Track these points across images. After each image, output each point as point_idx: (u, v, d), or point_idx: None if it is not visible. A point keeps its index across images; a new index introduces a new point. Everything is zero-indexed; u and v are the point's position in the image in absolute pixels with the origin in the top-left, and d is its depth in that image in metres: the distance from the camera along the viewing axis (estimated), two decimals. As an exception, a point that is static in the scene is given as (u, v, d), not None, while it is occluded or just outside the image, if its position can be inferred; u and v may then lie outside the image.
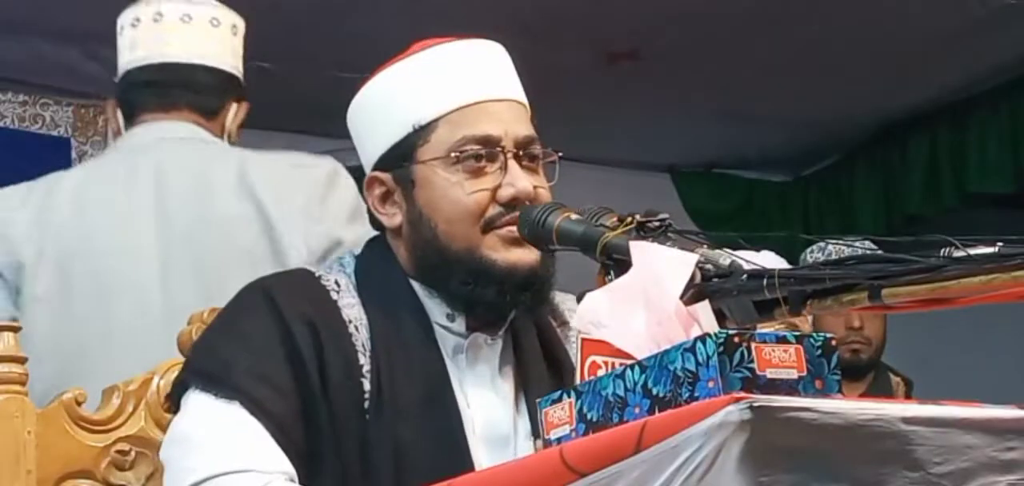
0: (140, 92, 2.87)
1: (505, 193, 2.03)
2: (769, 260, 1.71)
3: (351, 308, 2.04)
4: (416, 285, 2.09)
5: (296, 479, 1.94)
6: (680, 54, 4.89)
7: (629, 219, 1.86)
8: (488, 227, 2.03)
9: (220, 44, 2.90)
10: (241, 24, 2.94)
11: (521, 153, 2.06)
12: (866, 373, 4.31)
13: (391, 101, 2.10)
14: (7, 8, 4.27)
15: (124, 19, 2.90)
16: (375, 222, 2.14)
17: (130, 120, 2.89)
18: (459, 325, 2.08)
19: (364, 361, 2.00)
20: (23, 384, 2.11)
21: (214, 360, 2.00)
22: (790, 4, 4.64)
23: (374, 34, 2.13)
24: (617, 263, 1.81)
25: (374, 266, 2.11)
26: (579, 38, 4.71)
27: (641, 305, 1.69)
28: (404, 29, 2.19)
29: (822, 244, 4.14)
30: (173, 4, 2.87)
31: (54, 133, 4.77)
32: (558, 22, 4.44)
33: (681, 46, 4.83)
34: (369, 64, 2.17)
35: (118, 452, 2.18)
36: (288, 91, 4.80)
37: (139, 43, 2.87)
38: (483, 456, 2.01)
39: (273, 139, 5.20)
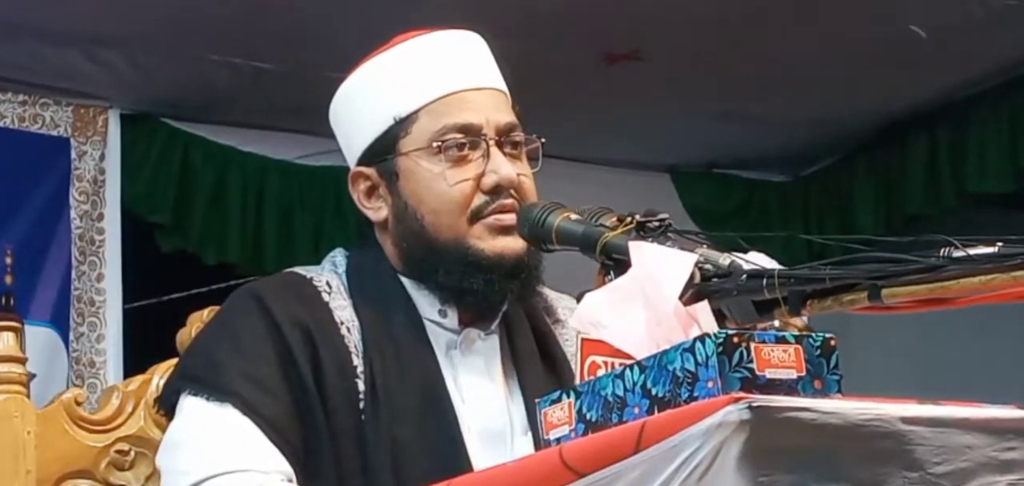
0: None
1: (489, 181, 2.04)
2: (760, 260, 1.71)
3: (342, 309, 2.05)
4: (405, 281, 2.09)
5: (293, 479, 1.94)
6: (680, 54, 4.88)
7: (629, 219, 1.86)
8: (475, 217, 2.04)
9: None
10: None
11: (503, 140, 2.06)
12: None
13: (371, 95, 2.11)
14: (7, 8, 4.27)
15: None
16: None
17: None
18: (451, 320, 2.08)
19: (357, 362, 2.01)
20: (23, 384, 2.11)
21: (205, 364, 2.00)
22: (790, 4, 4.63)
23: (372, 34, 2.12)
24: (617, 263, 1.81)
25: (365, 264, 2.11)
26: (579, 38, 4.70)
27: (640, 305, 1.68)
28: (403, 29, 2.18)
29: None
30: None
31: (54, 133, 4.76)
32: (558, 22, 4.44)
33: (681, 46, 4.82)
34: (368, 64, 2.16)
35: (118, 452, 2.18)
36: (288, 91, 4.79)
37: None
38: (479, 452, 2.01)
39: (273, 139, 5.22)
